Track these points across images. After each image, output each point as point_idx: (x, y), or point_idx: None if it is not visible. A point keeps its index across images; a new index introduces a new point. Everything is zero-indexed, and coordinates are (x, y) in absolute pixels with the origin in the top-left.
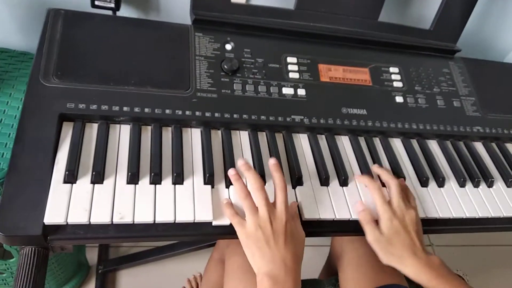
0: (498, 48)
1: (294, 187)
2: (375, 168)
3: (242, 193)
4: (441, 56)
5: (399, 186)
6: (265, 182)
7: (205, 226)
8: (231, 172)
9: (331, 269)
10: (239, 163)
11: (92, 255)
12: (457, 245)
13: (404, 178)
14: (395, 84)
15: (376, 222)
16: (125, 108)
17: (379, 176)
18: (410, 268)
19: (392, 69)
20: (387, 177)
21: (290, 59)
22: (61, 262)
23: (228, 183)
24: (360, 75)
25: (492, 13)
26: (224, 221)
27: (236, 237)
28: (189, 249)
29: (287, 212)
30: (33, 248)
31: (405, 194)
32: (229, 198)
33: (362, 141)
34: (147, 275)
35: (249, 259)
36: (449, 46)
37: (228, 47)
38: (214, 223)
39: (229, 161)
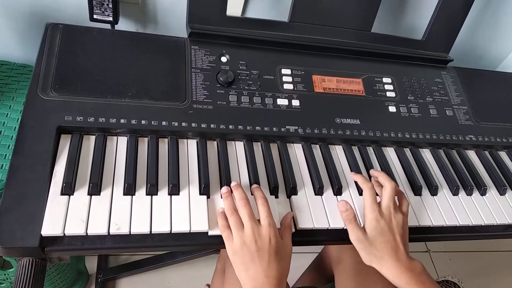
0: (490, 57)
1: (288, 197)
2: (372, 172)
3: (229, 210)
4: (433, 66)
5: (393, 189)
6: None
7: (201, 236)
8: (223, 190)
9: (322, 275)
10: (232, 184)
11: (91, 264)
12: (453, 251)
13: (398, 186)
14: (388, 94)
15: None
16: (122, 120)
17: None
18: (391, 270)
19: (385, 79)
20: (384, 178)
21: (284, 71)
22: (61, 270)
23: None
24: (354, 86)
25: (484, 23)
26: (219, 231)
27: None
28: (188, 257)
29: (272, 227)
30: (31, 259)
31: (399, 199)
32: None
33: (355, 150)
34: (147, 284)
35: (236, 273)
36: (442, 56)
37: (224, 59)
38: (210, 233)
39: (224, 172)
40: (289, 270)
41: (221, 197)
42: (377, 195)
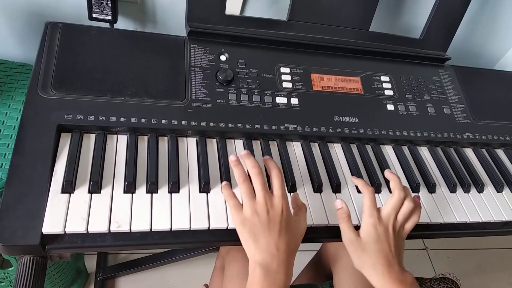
0: (487, 55)
1: (289, 193)
2: (387, 173)
3: (241, 178)
4: (431, 64)
5: (400, 199)
6: None
7: (201, 233)
8: (232, 158)
9: (321, 273)
10: (241, 152)
11: (90, 262)
12: (451, 249)
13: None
14: (386, 92)
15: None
16: (122, 119)
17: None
18: (381, 280)
19: (383, 78)
20: (395, 185)
21: (283, 69)
22: (60, 269)
23: None
24: (352, 84)
25: (481, 21)
26: (221, 224)
27: (234, 244)
28: (188, 255)
29: (284, 199)
30: (32, 257)
31: (412, 212)
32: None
33: (354, 148)
34: (146, 282)
35: (243, 245)
36: (439, 55)
37: (223, 58)
38: (212, 227)
39: (224, 169)
40: (297, 249)
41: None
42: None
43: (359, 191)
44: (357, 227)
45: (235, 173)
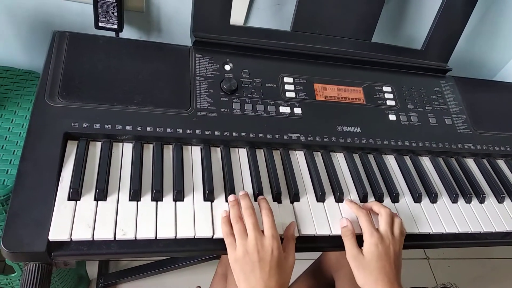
0: (488, 66)
1: (291, 202)
2: (365, 205)
3: (235, 218)
4: (432, 75)
5: (388, 215)
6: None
7: (205, 241)
8: (230, 198)
9: (320, 281)
10: (240, 192)
11: (92, 269)
12: (452, 258)
13: (398, 194)
14: (388, 102)
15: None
16: (127, 127)
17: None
18: None
19: (385, 88)
20: (378, 206)
21: (286, 79)
22: (62, 276)
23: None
24: (354, 94)
25: (482, 33)
26: (223, 237)
27: None
28: (189, 262)
29: (275, 239)
30: (37, 264)
31: (399, 227)
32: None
33: (356, 158)
34: None
35: (236, 281)
36: (440, 66)
37: (227, 67)
38: (216, 236)
39: (228, 178)
40: (289, 283)
41: (226, 201)
42: None
43: (361, 201)
44: (359, 237)
45: (231, 213)
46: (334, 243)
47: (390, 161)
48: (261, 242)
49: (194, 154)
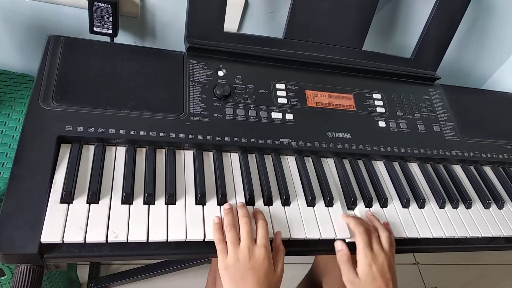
0: (476, 75)
1: (283, 206)
2: (343, 217)
3: (228, 225)
4: (421, 83)
5: (374, 231)
6: (254, 203)
7: (197, 244)
8: (225, 206)
9: (313, 285)
10: (238, 203)
11: (83, 273)
12: (441, 264)
13: (387, 199)
14: (378, 109)
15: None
16: (121, 131)
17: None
18: None
19: (375, 95)
20: (353, 225)
21: (279, 85)
22: (52, 279)
23: (220, 201)
24: (345, 101)
25: (470, 42)
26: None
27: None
28: (180, 266)
29: (266, 249)
30: (29, 266)
31: (387, 240)
32: (221, 217)
33: (346, 163)
34: None
35: None
36: (429, 74)
37: (220, 73)
38: (207, 239)
39: (220, 182)
40: None
41: (218, 204)
42: None
43: (349, 208)
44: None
45: (225, 220)
46: (323, 246)
47: (380, 167)
48: (252, 251)
49: (186, 158)
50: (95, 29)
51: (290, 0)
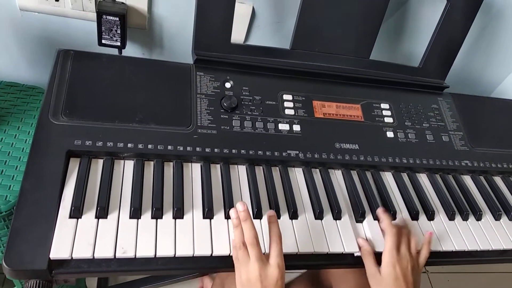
0: (485, 82)
1: (290, 219)
2: (378, 211)
3: (237, 244)
4: (430, 92)
5: (406, 235)
6: (261, 216)
7: (204, 259)
8: (233, 215)
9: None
10: (240, 208)
11: (91, 282)
12: (451, 272)
13: (395, 212)
14: (386, 119)
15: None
16: (129, 145)
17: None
18: None
19: (383, 105)
20: (385, 225)
21: (286, 96)
22: None
23: (227, 215)
24: (353, 111)
25: (479, 49)
26: (223, 251)
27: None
28: (187, 276)
29: (280, 268)
30: (38, 281)
31: (416, 246)
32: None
33: (354, 175)
34: None
35: None
36: (438, 83)
37: (228, 85)
38: (214, 254)
39: (227, 195)
40: None
41: (226, 218)
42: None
43: (357, 220)
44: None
45: (234, 235)
46: (331, 260)
47: (388, 178)
48: (264, 273)
49: (194, 171)
50: (103, 41)
51: (297, 10)
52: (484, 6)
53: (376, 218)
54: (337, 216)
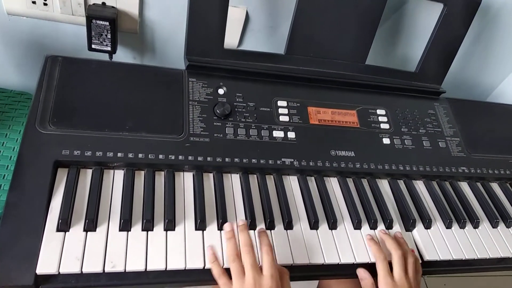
0: (481, 87)
1: (285, 229)
2: (380, 235)
3: (231, 256)
4: (426, 97)
5: (401, 257)
6: (255, 227)
7: (196, 272)
8: (226, 228)
9: None
10: (239, 222)
11: None
12: (447, 276)
13: (392, 221)
14: (382, 125)
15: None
16: (119, 154)
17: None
18: None
19: (379, 111)
20: (390, 245)
21: (280, 103)
22: None
23: (220, 226)
24: (348, 117)
25: (475, 54)
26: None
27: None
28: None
29: (274, 278)
30: None
31: (413, 267)
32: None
33: (350, 182)
34: None
35: None
36: (434, 88)
37: (221, 91)
38: (207, 266)
39: (220, 205)
40: None
41: (218, 229)
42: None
43: (355, 228)
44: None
45: (228, 249)
46: (327, 271)
47: (384, 185)
48: (259, 283)
49: (186, 181)
50: (93, 46)
51: (291, 14)
52: (481, 10)
53: (372, 227)
54: (332, 226)
